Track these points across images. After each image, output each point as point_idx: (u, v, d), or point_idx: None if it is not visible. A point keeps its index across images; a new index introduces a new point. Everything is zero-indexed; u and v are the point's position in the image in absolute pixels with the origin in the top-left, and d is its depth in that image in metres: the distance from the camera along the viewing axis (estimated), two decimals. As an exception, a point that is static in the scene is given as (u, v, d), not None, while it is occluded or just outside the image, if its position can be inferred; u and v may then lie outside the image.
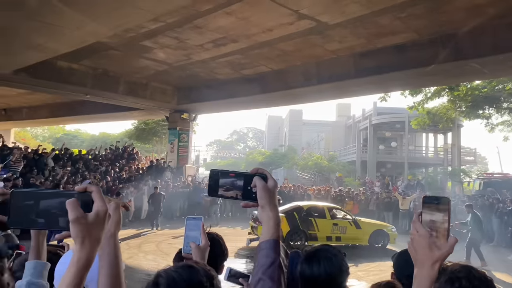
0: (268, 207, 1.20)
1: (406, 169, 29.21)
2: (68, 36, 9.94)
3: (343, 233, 12.35)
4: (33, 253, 1.56)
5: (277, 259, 1.16)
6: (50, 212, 0.94)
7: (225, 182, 1.22)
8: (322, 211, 12.58)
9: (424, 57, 11.57)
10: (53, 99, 22.16)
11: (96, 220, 0.94)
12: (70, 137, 52.40)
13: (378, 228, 12.88)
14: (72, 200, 0.92)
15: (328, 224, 12.31)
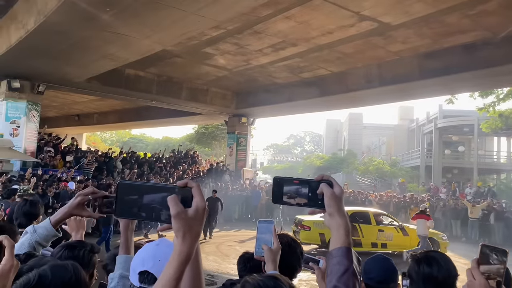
0: (337, 215, 1.18)
1: (475, 175, 27.46)
2: (137, 46, 10.54)
3: (389, 240, 11.83)
4: (123, 248, 1.68)
5: (351, 266, 1.15)
6: (153, 205, 0.99)
7: (289, 190, 1.21)
8: (367, 217, 12.14)
9: (497, 56, 10.88)
10: (121, 105, 23.48)
11: (195, 215, 0.97)
12: (135, 141, 55.11)
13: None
14: (174, 197, 0.96)
15: (373, 230, 11.86)
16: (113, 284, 1.67)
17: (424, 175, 29.64)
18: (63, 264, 1.26)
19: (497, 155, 32.71)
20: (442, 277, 1.78)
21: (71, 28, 9.38)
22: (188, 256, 0.97)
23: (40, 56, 11.87)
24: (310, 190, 1.19)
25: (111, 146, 38.89)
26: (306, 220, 11.56)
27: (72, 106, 24.72)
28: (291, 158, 54.82)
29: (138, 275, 1.47)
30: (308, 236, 11.30)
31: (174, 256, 0.97)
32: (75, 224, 1.97)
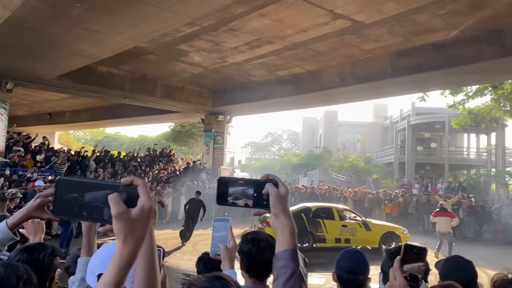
0: (283, 215, 1.16)
1: (446, 171, 28.22)
2: (108, 42, 10.32)
3: (352, 235, 11.95)
4: (85, 250, 1.63)
5: (297, 269, 1.13)
6: (95, 204, 0.91)
7: (235, 191, 1.18)
8: (331, 212, 12.27)
9: (466, 55, 11.18)
10: (94, 103, 23.00)
11: (140, 216, 0.90)
12: (110, 140, 54.19)
13: (389, 231, 12.43)
14: (115, 195, 0.88)
15: (337, 225, 11.98)
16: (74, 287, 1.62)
17: (397, 171, 30.27)
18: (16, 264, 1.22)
19: (467, 151, 33.72)
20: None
21: (39, 23, 9.11)
22: (129, 261, 0.90)
23: (8, 53, 11.49)
24: (256, 191, 1.17)
25: (85, 145, 38.10)
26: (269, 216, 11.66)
27: (43, 104, 24.07)
28: (269, 156, 55.00)
29: (96, 277, 1.41)
30: (274, 232, 11.28)
31: (114, 260, 0.89)
32: (33, 227, 1.87)
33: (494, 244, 14.97)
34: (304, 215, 11.88)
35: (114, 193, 0.89)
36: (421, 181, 24.66)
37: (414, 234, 16.79)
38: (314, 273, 9.26)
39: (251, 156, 59.16)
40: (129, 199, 0.90)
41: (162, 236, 13.03)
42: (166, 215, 16.48)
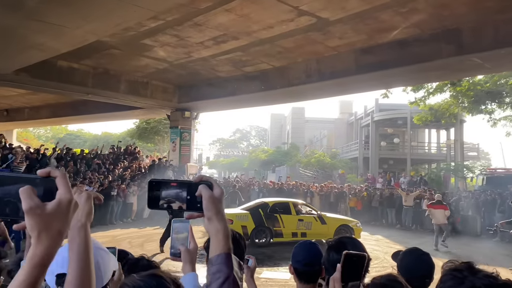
0: (216, 219, 1.11)
1: (408, 165, 29.14)
2: (68, 36, 9.93)
3: (308, 229, 12.18)
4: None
5: (231, 274, 1.11)
6: (7, 199, 0.84)
7: (168, 193, 1.13)
8: (288, 207, 12.45)
9: (426, 53, 11.51)
10: (54, 99, 22.18)
11: (57, 211, 0.83)
12: (72, 137, 52.53)
13: (343, 223, 12.75)
14: (26, 188, 0.81)
15: (293, 220, 12.19)
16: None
17: (362, 166, 30.99)
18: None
19: (428, 146, 34.94)
20: None
21: (-8, 14, 8.64)
22: (43, 259, 0.82)
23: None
24: (189, 193, 1.13)
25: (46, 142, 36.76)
26: (228, 214, 11.58)
27: (0, 100, 22.99)
28: (237, 152, 54.94)
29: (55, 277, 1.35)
30: (236, 228, 11.20)
31: (27, 259, 0.82)
32: None
33: (453, 235, 15.58)
34: (262, 211, 12.01)
35: (26, 186, 0.82)
36: (384, 175, 25.36)
37: (378, 227, 17.28)
38: (281, 268, 9.34)
39: (220, 153, 58.93)
40: (47, 193, 0.84)
41: (127, 235, 12.76)
42: (131, 214, 16.16)
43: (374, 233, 15.15)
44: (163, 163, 20.35)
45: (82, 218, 1.13)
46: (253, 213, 11.88)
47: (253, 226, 11.63)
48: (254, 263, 2.15)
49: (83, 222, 1.13)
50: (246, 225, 11.43)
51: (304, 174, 31.20)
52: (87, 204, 1.16)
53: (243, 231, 11.08)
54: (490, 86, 18.20)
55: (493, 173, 23.66)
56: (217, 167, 47.78)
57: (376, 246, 12.70)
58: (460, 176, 25.37)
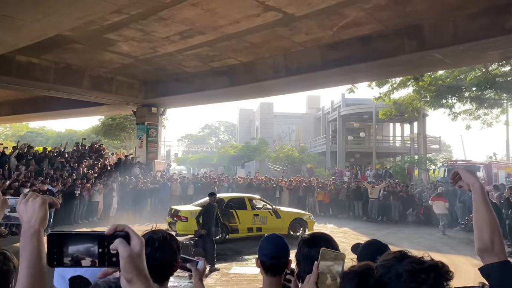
0: (138, 281, 0.94)
1: (374, 159, 29.86)
2: (26, 29, 9.51)
3: (263, 224, 12.16)
4: None
5: None
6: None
7: (73, 249, 0.96)
8: (243, 202, 12.35)
9: (389, 48, 11.78)
10: (14, 95, 21.30)
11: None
12: (34, 135, 50.70)
13: (297, 217, 12.88)
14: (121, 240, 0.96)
15: (249, 215, 12.11)
16: None
17: (329, 160, 31.51)
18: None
19: (393, 139, 35.91)
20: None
21: None
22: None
23: None
24: (100, 246, 0.96)
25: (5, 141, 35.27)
26: (183, 211, 11.40)
27: (-47, 96, 21.85)
28: (206, 148, 54.66)
29: (69, 281, 1.35)
30: (185, 227, 10.98)
31: None
32: None
33: (417, 226, 16.12)
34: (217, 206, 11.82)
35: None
36: (351, 169, 25.88)
37: (345, 219, 17.64)
38: (250, 263, 9.37)
39: (188, 149, 58.46)
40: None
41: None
42: (97, 213, 15.76)
43: (341, 226, 15.45)
44: (130, 161, 19.95)
45: (36, 224, 1.11)
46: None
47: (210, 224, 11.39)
48: (203, 265, 2.16)
49: (36, 228, 1.11)
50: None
51: (273, 169, 31.40)
52: (42, 210, 1.13)
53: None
54: (450, 81, 18.87)
55: (454, 165, 24.57)
56: (185, 163, 47.36)
57: (344, 238, 12.94)
58: (423, 168, 26.23)
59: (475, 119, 21.13)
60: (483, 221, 1.32)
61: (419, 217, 17.34)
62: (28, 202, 1.15)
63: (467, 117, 21.15)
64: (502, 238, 1.32)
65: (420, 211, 17.34)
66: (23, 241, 1.10)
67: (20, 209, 1.15)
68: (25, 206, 1.15)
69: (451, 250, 11.20)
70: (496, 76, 17.86)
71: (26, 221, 1.12)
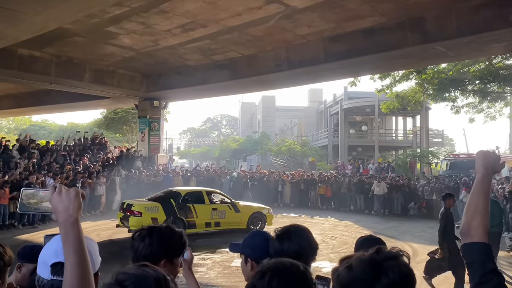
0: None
1: (376, 152, 29.83)
2: (27, 22, 9.49)
3: (222, 218, 11.71)
4: None
5: None
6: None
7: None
8: (201, 196, 11.82)
9: (392, 41, 11.70)
10: (16, 89, 21.31)
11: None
12: (37, 128, 50.81)
13: (257, 211, 12.45)
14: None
15: (207, 209, 11.57)
16: None
17: (332, 153, 31.48)
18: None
19: (395, 133, 35.83)
20: (293, 251, 1.77)
21: None
22: None
23: None
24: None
25: (8, 134, 35.37)
26: (137, 205, 10.87)
27: (-44, 90, 21.88)
28: (208, 142, 54.66)
29: (50, 267, 1.36)
30: (139, 221, 10.22)
31: None
32: None
33: (419, 219, 16.12)
34: (173, 201, 11.21)
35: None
36: (353, 162, 25.85)
37: (347, 213, 17.64)
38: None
39: (190, 143, 58.49)
40: None
41: (96, 227, 12.52)
42: (99, 206, 15.82)
43: (343, 219, 15.46)
44: (132, 154, 19.99)
45: (74, 213, 1.22)
46: (164, 203, 11.03)
47: (164, 217, 10.62)
48: (190, 254, 2.05)
49: (76, 217, 1.23)
50: (156, 217, 10.48)
51: (275, 163, 31.42)
52: (77, 200, 1.25)
53: (153, 223, 10.28)
54: (453, 74, 18.74)
55: (456, 159, 24.54)
56: (188, 156, 47.43)
57: (345, 231, 12.98)
58: (425, 162, 26.19)
59: (478, 113, 21.02)
60: (468, 205, 1.40)
61: (421, 210, 17.34)
62: (62, 193, 1.25)
63: (470, 110, 21.03)
64: (483, 224, 1.35)
65: (422, 204, 17.34)
66: (64, 230, 1.20)
67: (54, 201, 1.25)
68: (59, 197, 1.25)
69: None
70: (500, 69, 17.73)
71: (63, 211, 1.23)
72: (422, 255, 9.61)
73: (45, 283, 1.35)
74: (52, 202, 1.26)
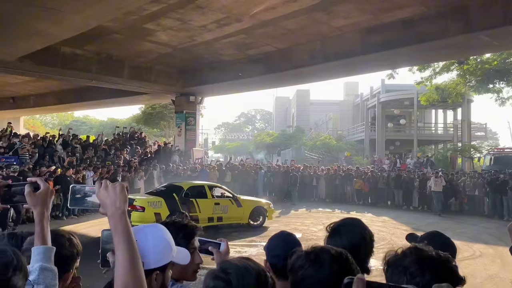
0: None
1: (415, 147, 28.97)
2: (69, 21, 9.85)
3: (225, 213, 11.45)
4: (39, 238, 1.56)
5: None
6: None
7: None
8: (203, 190, 11.56)
9: (432, 31, 11.29)
10: (59, 86, 22.20)
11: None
12: (79, 124, 52.75)
13: (258, 205, 12.22)
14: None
15: (209, 204, 11.34)
16: (33, 277, 1.52)
17: (368, 148, 30.86)
18: (3, 249, 1.21)
19: (435, 126, 34.66)
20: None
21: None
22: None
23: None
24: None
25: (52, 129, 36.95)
26: (140, 200, 10.51)
27: (5, 88, 23.05)
28: (243, 136, 54.97)
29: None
30: (142, 217, 9.97)
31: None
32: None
33: (460, 216, 15.56)
34: (176, 195, 10.95)
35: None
36: (391, 157, 25.25)
37: (384, 208, 17.28)
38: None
39: (225, 137, 59.03)
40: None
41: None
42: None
43: (380, 215, 15.15)
44: (169, 148, 20.40)
45: (122, 206, 1.29)
46: (167, 198, 10.72)
47: (167, 212, 10.06)
48: (226, 247, 1.98)
49: (123, 209, 1.29)
50: (159, 212, 10.14)
51: (310, 157, 31.17)
52: (123, 193, 1.31)
53: (156, 218, 9.77)
54: (498, 64, 17.88)
55: (501, 153, 23.41)
56: (222, 151, 47.90)
57: (383, 227, 12.71)
58: (467, 157, 25.20)
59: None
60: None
61: (462, 206, 16.71)
62: (108, 188, 1.31)
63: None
64: None
65: (463, 200, 16.70)
66: (113, 222, 1.27)
67: (101, 195, 1.32)
68: (106, 191, 1.31)
69: (497, 241, 10.73)
70: (550, 58, 16.78)
71: (111, 205, 1.29)
72: (465, 252, 9.28)
73: None
74: (99, 197, 1.32)
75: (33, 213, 1.60)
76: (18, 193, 1.60)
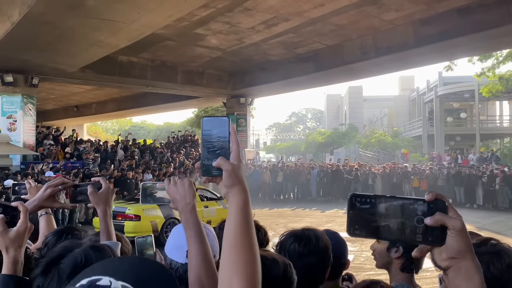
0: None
1: (478, 141, 27.36)
2: (125, 30, 10.35)
3: (213, 216, 10.61)
4: (104, 234, 1.66)
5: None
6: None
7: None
8: None
9: (492, 18, 10.63)
10: (118, 93, 23.36)
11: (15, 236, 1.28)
12: (137, 129, 55.19)
13: None
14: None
15: (199, 208, 10.35)
16: None
17: (426, 144, 29.59)
18: (102, 246, 1.30)
19: (500, 119, 32.52)
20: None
21: (56, 17, 9.21)
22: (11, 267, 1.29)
23: (30, 48, 11.72)
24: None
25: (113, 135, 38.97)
26: (134, 208, 9.55)
27: (70, 97, 24.63)
28: (294, 136, 54.80)
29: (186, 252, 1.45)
30: (137, 227, 9.18)
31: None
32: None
33: (530, 214, 14.50)
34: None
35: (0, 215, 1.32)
36: (451, 153, 24.04)
37: (445, 207, 16.45)
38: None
39: (276, 137, 59.12)
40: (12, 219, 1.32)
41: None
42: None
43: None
44: (222, 150, 20.76)
45: (191, 201, 1.33)
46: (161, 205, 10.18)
47: (163, 220, 9.64)
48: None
49: (193, 204, 1.34)
50: (155, 220, 9.54)
51: (364, 155, 30.42)
52: (191, 189, 1.36)
53: (152, 227, 9.27)
54: None
55: None
56: (274, 151, 48.00)
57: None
58: (537, 150, 23.41)
59: None
60: None
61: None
62: (177, 184, 1.36)
63: None
64: None
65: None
66: (184, 216, 1.32)
67: (171, 191, 1.37)
68: (175, 187, 1.36)
69: None
70: None
71: (181, 200, 1.34)
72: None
73: (179, 266, 1.46)
74: (169, 193, 1.38)
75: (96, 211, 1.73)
76: (83, 193, 1.73)
